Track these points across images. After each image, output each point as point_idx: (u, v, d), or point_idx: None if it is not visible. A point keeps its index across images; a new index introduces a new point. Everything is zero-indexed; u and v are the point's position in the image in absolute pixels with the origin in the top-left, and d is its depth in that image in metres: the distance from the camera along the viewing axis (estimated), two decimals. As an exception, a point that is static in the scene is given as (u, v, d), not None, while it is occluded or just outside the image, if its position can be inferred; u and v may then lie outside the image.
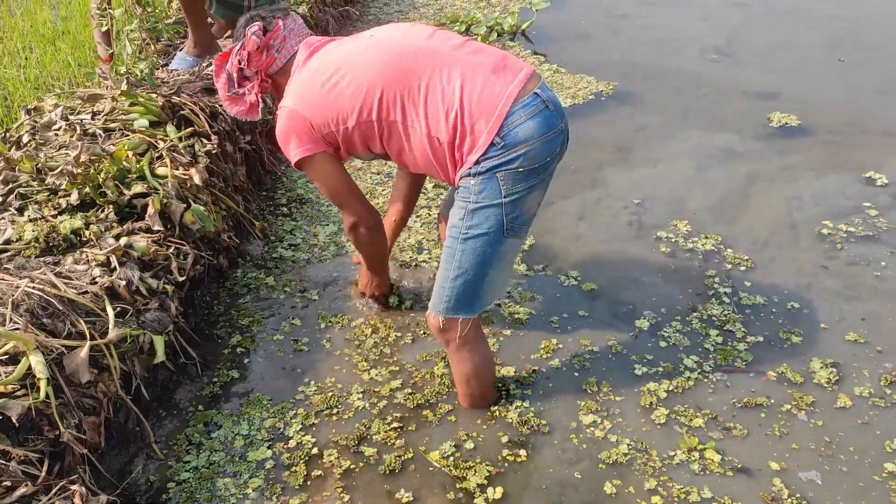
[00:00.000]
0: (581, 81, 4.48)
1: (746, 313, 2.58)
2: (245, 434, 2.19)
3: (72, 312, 2.03)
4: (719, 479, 2.00)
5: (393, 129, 2.00)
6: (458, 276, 2.02)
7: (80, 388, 1.97)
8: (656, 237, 3.02)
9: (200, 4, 3.45)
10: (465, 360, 2.15)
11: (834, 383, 2.30)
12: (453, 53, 1.96)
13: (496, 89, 1.91)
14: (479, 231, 1.96)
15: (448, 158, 1.97)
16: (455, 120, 1.90)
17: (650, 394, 2.27)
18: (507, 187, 1.92)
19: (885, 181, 3.36)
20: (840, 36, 5.14)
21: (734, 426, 2.15)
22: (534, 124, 1.91)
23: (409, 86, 1.94)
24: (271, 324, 2.63)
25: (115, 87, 2.92)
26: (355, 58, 2.02)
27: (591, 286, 2.73)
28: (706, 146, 3.75)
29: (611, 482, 2.00)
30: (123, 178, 2.51)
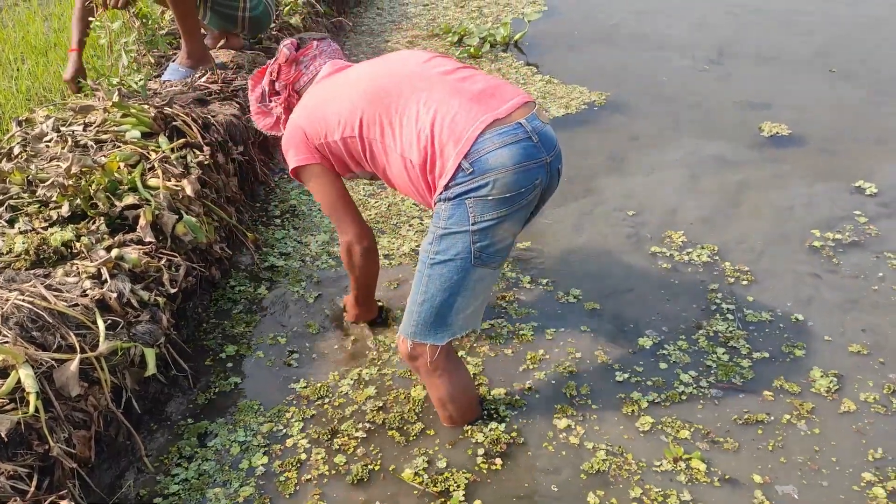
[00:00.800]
0: (574, 91, 4.50)
1: (751, 329, 2.55)
2: (242, 440, 2.19)
3: (62, 325, 2.01)
4: (701, 488, 1.99)
5: (374, 146, 2.04)
6: (424, 301, 1.98)
7: (70, 402, 1.95)
8: (654, 249, 3.00)
9: (195, 15, 3.45)
10: (438, 385, 2.12)
11: (834, 392, 2.29)
12: (441, 78, 1.97)
13: (471, 115, 1.88)
14: (445, 257, 1.93)
15: (422, 181, 1.98)
16: (425, 143, 1.91)
17: (635, 405, 2.27)
18: (475, 214, 1.88)
19: (875, 190, 3.37)
20: (831, 46, 5.17)
21: (724, 440, 2.14)
22: (507, 152, 1.85)
23: (388, 107, 1.98)
24: (263, 334, 2.62)
25: (107, 98, 2.91)
26: (352, 77, 2.13)
27: (594, 305, 2.68)
28: (699, 155, 3.76)
29: (594, 492, 1.99)
30: (115, 190, 2.51)
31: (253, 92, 2.36)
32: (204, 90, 3.42)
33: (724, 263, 2.90)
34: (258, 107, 2.35)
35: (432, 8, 6.14)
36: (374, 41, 5.43)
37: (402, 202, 3.39)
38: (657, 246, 3.03)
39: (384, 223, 3.24)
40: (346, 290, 2.82)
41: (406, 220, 3.26)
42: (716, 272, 2.85)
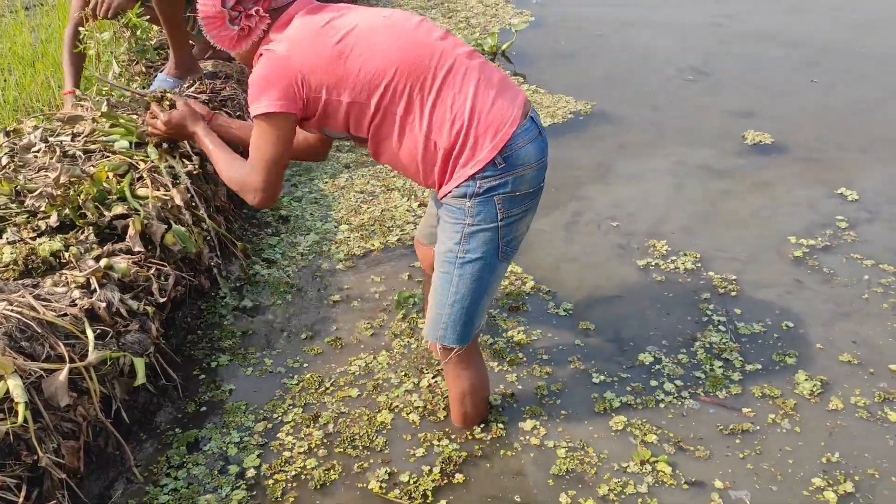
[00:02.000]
0: (560, 101, 4.54)
1: (743, 341, 2.56)
2: (232, 446, 2.20)
3: (51, 335, 2.01)
4: (666, 491, 2.03)
5: (388, 119, 1.91)
6: (455, 302, 1.98)
7: (59, 412, 1.95)
8: (643, 259, 3.03)
9: (183, 26, 3.46)
10: (462, 378, 2.14)
11: (817, 395, 2.33)
12: (466, 61, 1.90)
13: (504, 108, 1.88)
14: (475, 255, 1.93)
15: (439, 164, 1.90)
16: (460, 129, 1.85)
17: (607, 403, 2.31)
18: (503, 210, 1.89)
19: (857, 196, 3.43)
20: (813, 56, 5.25)
21: (695, 447, 2.15)
22: (532, 149, 1.90)
23: (422, 82, 1.86)
24: (253, 342, 2.63)
25: (95, 108, 2.92)
26: (370, 35, 1.89)
27: (587, 325, 2.66)
28: (684, 164, 3.81)
29: (566, 493, 2.03)
30: (104, 200, 2.51)
31: (211, 19, 1.96)
32: (193, 100, 3.42)
33: (709, 273, 2.93)
34: (218, 10, 1.93)
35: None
36: (362, 51, 5.44)
37: (395, 209, 3.40)
38: (644, 254, 3.06)
39: (377, 226, 3.26)
40: (337, 297, 2.83)
41: (399, 225, 3.28)
42: (702, 282, 2.88)
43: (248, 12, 1.94)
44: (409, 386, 2.40)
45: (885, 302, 2.73)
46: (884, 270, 2.91)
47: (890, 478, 2.05)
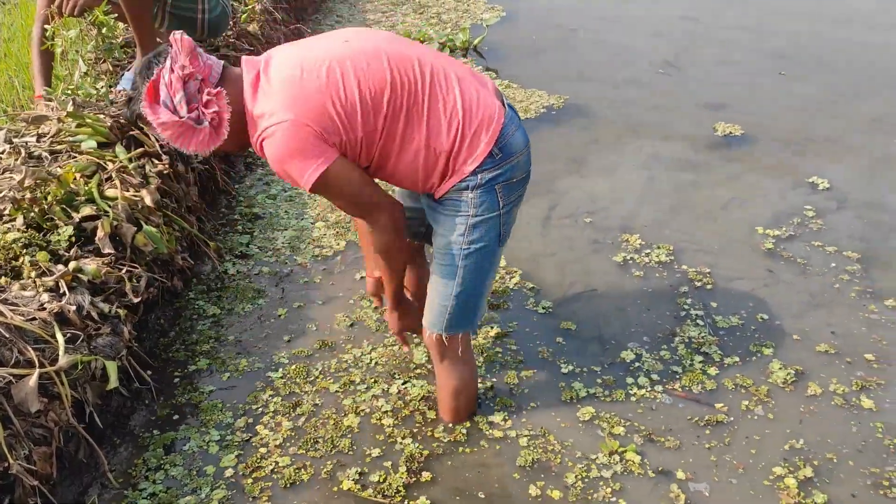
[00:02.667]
0: (533, 95, 4.54)
1: (721, 334, 2.58)
2: (216, 440, 2.20)
3: (19, 340, 1.97)
4: (633, 480, 2.05)
5: (391, 138, 1.86)
6: (460, 292, 1.99)
7: (30, 418, 1.91)
8: (618, 253, 3.04)
9: (151, 22, 3.40)
10: (458, 372, 2.16)
11: (791, 383, 2.36)
12: (440, 61, 1.92)
13: (488, 99, 1.91)
14: (480, 245, 1.95)
15: (440, 168, 1.90)
16: (457, 129, 1.86)
17: (576, 397, 2.32)
18: (504, 198, 1.93)
19: (827, 185, 3.48)
20: (783, 50, 5.30)
21: (665, 438, 2.18)
22: (520, 135, 1.95)
23: (415, 93, 1.84)
24: (228, 343, 2.60)
25: (61, 108, 2.86)
26: (348, 62, 1.82)
27: (568, 324, 2.64)
28: (657, 157, 3.83)
29: (535, 484, 2.05)
30: (71, 202, 2.46)
31: (159, 109, 1.79)
32: (161, 99, 3.36)
33: (683, 266, 2.94)
34: (180, 122, 1.78)
35: (391, 15, 6.15)
36: (333, 48, 5.40)
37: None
38: (618, 248, 3.07)
39: (352, 223, 3.24)
40: (313, 296, 2.81)
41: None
42: (678, 275, 2.89)
43: (202, 103, 1.80)
44: (378, 391, 2.38)
45: (852, 290, 2.77)
46: (848, 258, 2.95)
47: (847, 462, 2.09)
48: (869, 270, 2.89)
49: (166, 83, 1.77)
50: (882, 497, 1.99)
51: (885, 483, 2.02)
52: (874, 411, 2.25)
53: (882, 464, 2.08)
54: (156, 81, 1.78)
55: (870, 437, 2.16)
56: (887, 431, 2.18)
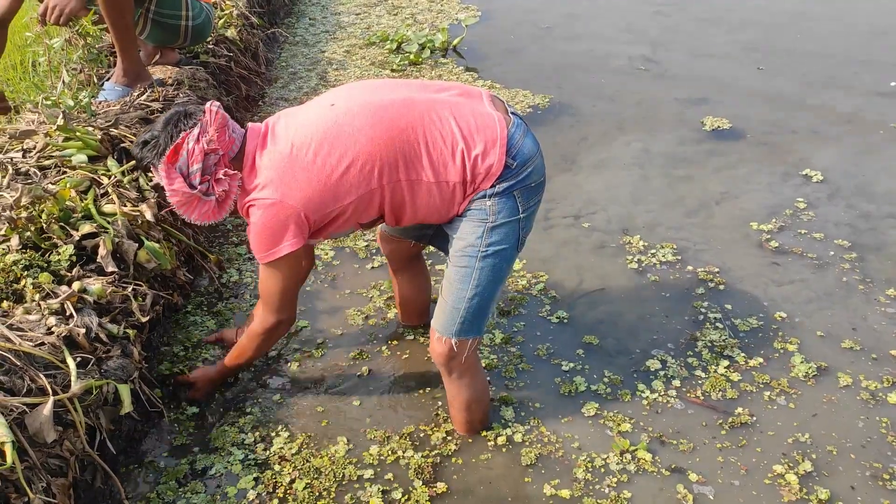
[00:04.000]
0: (517, 95, 4.53)
1: (741, 336, 2.56)
2: (238, 461, 2.13)
3: (30, 367, 1.88)
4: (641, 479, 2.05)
5: (396, 188, 1.88)
6: (475, 296, 1.97)
7: (46, 448, 1.82)
8: (625, 255, 3.01)
9: (132, 30, 3.30)
10: (468, 385, 2.11)
11: (812, 377, 2.37)
12: (428, 95, 1.92)
13: (484, 113, 1.90)
14: (498, 248, 1.94)
15: (459, 195, 1.90)
16: (463, 157, 1.85)
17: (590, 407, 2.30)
18: (523, 203, 1.93)
19: (821, 177, 3.53)
20: (755, 42, 5.38)
21: (678, 441, 2.17)
22: (530, 141, 1.95)
23: (407, 141, 1.84)
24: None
25: (50, 121, 2.75)
26: (333, 129, 1.85)
27: (591, 338, 2.58)
28: (649, 152, 3.84)
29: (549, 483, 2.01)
30: (68, 219, 2.36)
31: (174, 174, 1.83)
32: (146, 108, 3.27)
33: (689, 266, 2.92)
34: (190, 193, 1.84)
35: (365, 17, 6.08)
36: (309, 52, 5.33)
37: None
38: (624, 251, 3.06)
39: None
40: (312, 305, 2.75)
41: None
42: (688, 276, 2.86)
43: (215, 178, 1.86)
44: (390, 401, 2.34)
45: (859, 283, 2.80)
46: (848, 248, 3.00)
47: (849, 455, 2.11)
48: (871, 261, 2.93)
49: (188, 150, 1.82)
50: (881, 488, 2.01)
51: (885, 476, 2.04)
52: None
53: (885, 460, 2.10)
54: (179, 146, 1.82)
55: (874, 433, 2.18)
56: (892, 427, 2.20)
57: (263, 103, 4.46)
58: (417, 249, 2.41)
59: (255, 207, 1.87)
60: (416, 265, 2.51)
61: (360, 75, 4.84)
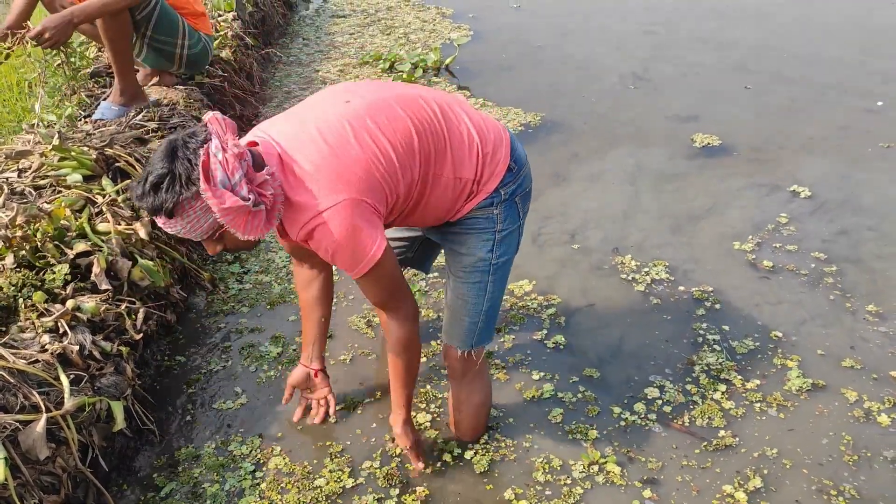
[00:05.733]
0: (509, 113, 4.57)
1: (738, 359, 2.54)
2: (229, 482, 2.11)
3: (23, 384, 1.89)
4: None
5: (424, 181, 1.81)
6: (490, 307, 2.01)
7: (38, 465, 1.84)
8: (617, 275, 3.01)
9: (130, 51, 3.35)
10: (479, 389, 2.17)
11: (805, 391, 2.39)
12: (438, 95, 1.91)
13: (489, 118, 1.95)
14: (506, 257, 1.99)
15: (465, 194, 1.88)
16: (478, 154, 1.86)
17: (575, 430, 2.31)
18: (522, 209, 1.98)
19: (809, 193, 3.57)
20: (744, 60, 5.45)
21: (647, 459, 2.17)
22: (521, 147, 2.00)
23: (436, 133, 1.80)
24: (224, 377, 2.53)
25: (45, 142, 2.78)
26: (368, 120, 1.73)
27: (592, 371, 2.50)
28: (642, 169, 3.87)
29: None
30: (63, 238, 2.38)
31: (220, 192, 1.55)
32: (141, 129, 3.30)
33: (681, 287, 2.91)
34: (245, 206, 1.57)
35: (359, 36, 6.15)
36: (304, 71, 5.39)
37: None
38: (617, 269, 3.06)
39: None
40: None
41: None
42: (685, 297, 2.85)
43: (257, 184, 1.61)
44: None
45: (850, 301, 2.81)
46: (841, 266, 3.03)
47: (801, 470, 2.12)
48: (864, 278, 2.94)
49: (221, 162, 1.55)
50: (825, 503, 2.02)
51: (832, 492, 2.04)
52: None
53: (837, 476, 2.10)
54: (206, 163, 1.55)
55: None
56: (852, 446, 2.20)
57: (258, 123, 4.49)
58: None
59: (325, 222, 1.66)
60: None
61: (353, 94, 4.88)
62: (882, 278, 2.94)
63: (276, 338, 2.69)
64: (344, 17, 6.75)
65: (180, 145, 1.59)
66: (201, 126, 1.64)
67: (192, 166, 1.56)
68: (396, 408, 2.07)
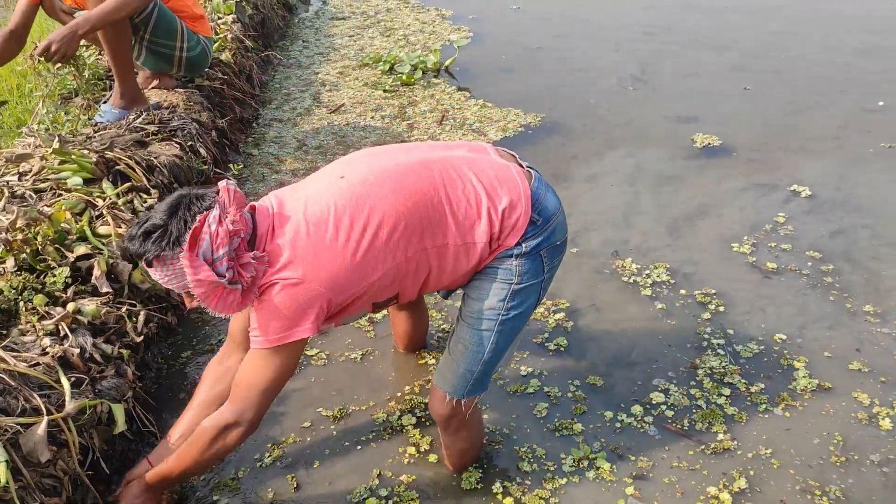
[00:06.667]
0: (509, 114, 4.58)
1: (742, 363, 2.52)
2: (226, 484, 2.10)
3: (24, 387, 1.90)
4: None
5: (422, 258, 1.77)
6: (491, 358, 1.90)
7: (40, 468, 1.84)
8: (622, 278, 2.99)
9: (129, 55, 3.35)
10: (465, 437, 2.07)
11: (811, 391, 2.38)
12: (443, 153, 1.84)
13: (503, 168, 1.84)
14: (519, 310, 1.87)
15: (484, 254, 1.81)
16: (489, 213, 1.77)
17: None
18: (548, 262, 1.86)
19: (809, 192, 3.57)
20: (742, 61, 5.45)
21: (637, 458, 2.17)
22: (552, 196, 1.89)
23: (431, 205, 1.75)
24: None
25: (46, 145, 2.79)
26: (351, 201, 1.71)
27: (596, 379, 2.48)
28: (644, 170, 3.88)
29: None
30: (63, 241, 2.39)
31: (198, 262, 1.59)
32: (141, 132, 3.31)
33: (682, 290, 2.89)
34: (218, 283, 1.60)
35: (358, 38, 6.15)
36: (303, 73, 5.39)
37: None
38: (620, 274, 3.04)
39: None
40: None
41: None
42: (689, 300, 2.84)
43: (240, 263, 1.64)
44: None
45: (852, 302, 2.80)
46: (844, 267, 3.02)
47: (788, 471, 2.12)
48: (866, 278, 2.94)
49: (211, 234, 1.59)
50: (808, 502, 2.02)
51: (816, 492, 2.04)
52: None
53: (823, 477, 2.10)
54: (197, 230, 1.59)
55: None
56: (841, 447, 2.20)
57: (257, 125, 4.50)
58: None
59: (277, 286, 1.66)
60: (418, 305, 2.47)
61: (352, 96, 4.89)
62: (888, 279, 2.93)
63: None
64: (343, 19, 6.76)
65: (185, 204, 1.65)
66: (213, 191, 1.69)
67: (186, 228, 1.62)
68: (154, 474, 1.91)
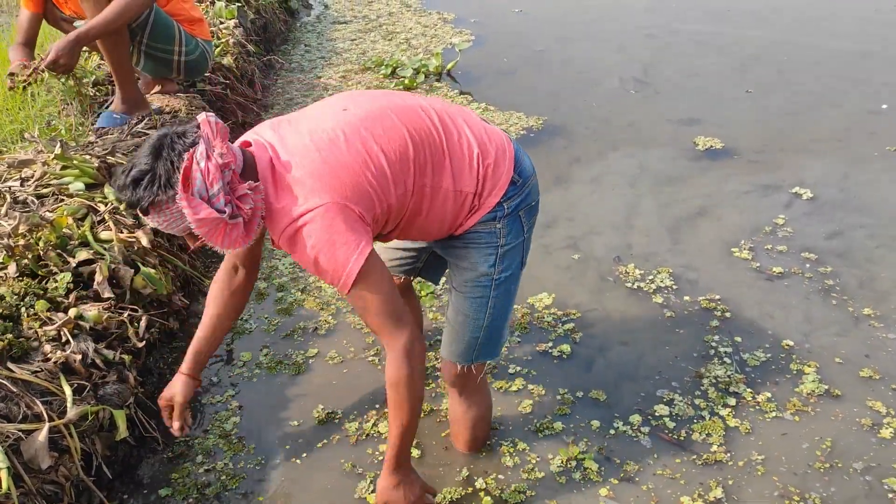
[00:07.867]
0: (512, 117, 4.57)
1: (748, 371, 2.48)
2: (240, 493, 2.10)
3: (26, 393, 1.89)
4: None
5: (422, 193, 1.77)
6: (490, 323, 1.94)
7: (41, 475, 1.83)
8: (626, 284, 2.96)
9: (129, 61, 3.35)
10: (477, 403, 2.12)
11: (817, 395, 2.36)
12: (438, 104, 1.87)
13: (492, 129, 1.89)
14: (509, 272, 1.91)
15: (467, 207, 1.83)
16: (478, 165, 1.80)
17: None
18: (527, 223, 1.91)
19: (811, 195, 3.56)
20: (745, 62, 5.44)
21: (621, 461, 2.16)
22: (527, 159, 1.94)
23: (434, 143, 1.76)
24: (226, 384, 2.53)
25: (47, 150, 2.79)
26: (362, 129, 1.70)
27: (599, 394, 2.41)
28: (646, 172, 3.87)
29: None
30: (65, 246, 2.39)
31: (196, 202, 1.56)
32: (143, 136, 3.31)
33: (686, 296, 2.86)
34: (220, 219, 1.57)
35: (360, 42, 6.16)
36: (306, 77, 5.40)
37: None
38: (624, 280, 3.01)
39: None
40: (313, 329, 2.76)
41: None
42: (693, 306, 2.81)
43: (237, 196, 1.60)
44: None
45: (862, 308, 2.77)
46: (850, 270, 3.00)
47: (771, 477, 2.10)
48: (870, 282, 2.92)
49: (202, 171, 1.55)
50: None
51: (795, 498, 2.02)
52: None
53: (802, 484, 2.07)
54: (187, 169, 1.55)
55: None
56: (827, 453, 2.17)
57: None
58: (408, 282, 2.37)
59: (304, 226, 1.61)
60: (409, 297, 2.45)
61: (355, 100, 4.89)
62: (889, 281, 2.92)
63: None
64: (345, 23, 6.77)
65: (167, 144, 1.59)
66: (193, 126, 1.63)
67: (174, 169, 1.57)
68: (385, 461, 1.90)
